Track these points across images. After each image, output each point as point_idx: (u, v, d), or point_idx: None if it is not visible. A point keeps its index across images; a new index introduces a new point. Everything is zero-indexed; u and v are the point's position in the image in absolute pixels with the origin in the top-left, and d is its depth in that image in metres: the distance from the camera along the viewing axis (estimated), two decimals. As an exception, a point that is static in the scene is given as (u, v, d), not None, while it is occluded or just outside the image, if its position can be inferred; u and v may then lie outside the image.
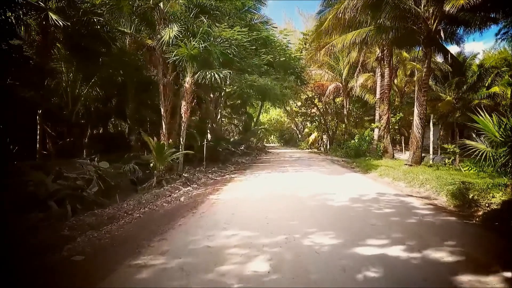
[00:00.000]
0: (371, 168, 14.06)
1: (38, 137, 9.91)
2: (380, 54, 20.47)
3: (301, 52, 24.19)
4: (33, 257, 3.77)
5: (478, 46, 64.31)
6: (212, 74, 10.08)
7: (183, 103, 11.21)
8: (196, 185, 9.42)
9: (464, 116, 25.80)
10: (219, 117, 18.13)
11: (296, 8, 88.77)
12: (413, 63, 23.81)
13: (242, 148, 21.77)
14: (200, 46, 9.84)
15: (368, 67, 23.09)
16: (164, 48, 10.51)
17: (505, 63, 26.81)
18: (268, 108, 37.75)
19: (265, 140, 46.26)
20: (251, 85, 12.22)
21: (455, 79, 23.80)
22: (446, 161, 13.59)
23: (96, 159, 8.51)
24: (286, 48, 15.22)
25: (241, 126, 27.45)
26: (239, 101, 24.82)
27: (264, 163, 17.80)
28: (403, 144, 25.80)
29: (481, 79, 24.58)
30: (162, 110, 11.54)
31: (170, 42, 10.03)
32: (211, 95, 17.47)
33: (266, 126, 41.18)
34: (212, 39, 10.60)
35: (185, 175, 10.77)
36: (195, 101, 19.16)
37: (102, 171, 7.96)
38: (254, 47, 13.43)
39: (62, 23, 9.08)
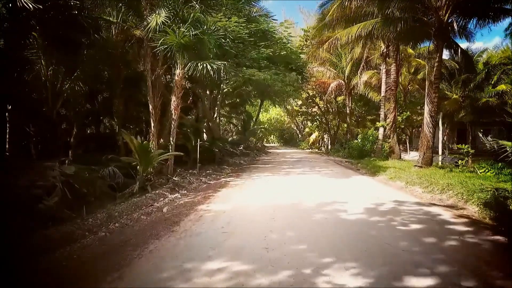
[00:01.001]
0: (379, 170, 12.76)
1: (8, 136, 8.59)
2: (385, 50, 19.16)
3: (302, 49, 22.84)
4: None
5: (478, 46, 62.66)
6: (205, 65, 8.75)
7: (173, 98, 9.89)
8: (185, 191, 8.10)
9: (470, 115, 24.60)
10: (216, 115, 16.78)
11: (297, 6, 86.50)
12: (418, 60, 22.54)
13: (241, 148, 20.46)
14: (191, 33, 8.52)
15: (372, 64, 21.76)
16: (151, 36, 9.18)
17: (509, 62, 25.52)
18: (268, 107, 36.36)
19: (265, 140, 44.40)
20: (249, 79, 10.90)
21: (462, 77, 22.52)
22: (459, 162, 12.26)
23: (66, 161, 7.18)
24: (287, 42, 13.90)
25: (240, 126, 26.01)
26: (238, 100, 23.47)
27: (264, 164, 16.48)
28: (407, 144, 24.54)
29: (489, 77, 23.36)
30: (150, 106, 10.21)
31: (158, 29, 8.71)
32: (207, 92, 16.13)
33: (265, 125, 39.72)
34: (205, 27, 9.30)
35: (175, 179, 9.45)
36: (190, 98, 17.85)
37: (72, 176, 6.64)
38: (253, 39, 12.13)
39: (33, 5, 7.74)
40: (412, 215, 5.70)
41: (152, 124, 10.27)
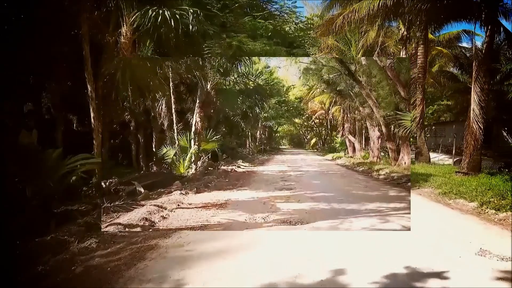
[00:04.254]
0: (416, 178, 8.95)
1: None
2: (405, 33, 15.29)
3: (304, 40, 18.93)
4: None
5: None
6: (160, 12, 4.91)
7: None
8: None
9: (493, 111, 20.78)
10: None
11: None
12: (439, 48, 18.73)
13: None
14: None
15: (388, 52, 17.93)
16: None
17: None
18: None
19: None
20: (240, 49, 6.98)
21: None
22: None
23: None
24: (291, 12, 10.09)
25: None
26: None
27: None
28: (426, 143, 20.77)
29: (517, 68, 19.58)
30: (89, 87, 6.32)
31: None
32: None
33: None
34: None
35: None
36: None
37: None
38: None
39: None
40: None
41: (92, 115, 6.37)
